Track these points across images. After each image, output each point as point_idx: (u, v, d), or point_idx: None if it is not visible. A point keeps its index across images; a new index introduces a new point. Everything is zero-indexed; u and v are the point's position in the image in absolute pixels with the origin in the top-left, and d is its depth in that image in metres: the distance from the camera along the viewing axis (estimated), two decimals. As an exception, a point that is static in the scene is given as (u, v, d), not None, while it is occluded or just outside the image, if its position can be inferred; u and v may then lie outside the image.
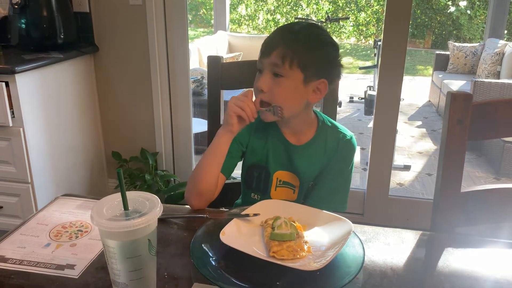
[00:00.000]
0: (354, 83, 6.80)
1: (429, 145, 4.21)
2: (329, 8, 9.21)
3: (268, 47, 1.05)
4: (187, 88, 2.55)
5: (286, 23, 1.62)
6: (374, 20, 9.37)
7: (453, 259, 0.88)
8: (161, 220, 0.96)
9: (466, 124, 1.02)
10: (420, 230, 0.97)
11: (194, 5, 9.70)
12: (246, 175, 1.21)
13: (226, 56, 5.08)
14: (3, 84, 1.92)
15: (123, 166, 2.62)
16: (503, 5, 5.73)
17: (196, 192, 1.06)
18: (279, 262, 0.78)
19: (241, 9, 9.60)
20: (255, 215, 0.93)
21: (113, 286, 0.70)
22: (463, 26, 8.83)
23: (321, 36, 1.08)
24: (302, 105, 1.09)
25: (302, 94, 1.07)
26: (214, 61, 1.36)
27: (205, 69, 4.54)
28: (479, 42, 6.26)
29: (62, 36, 2.28)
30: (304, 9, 9.30)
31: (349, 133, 1.17)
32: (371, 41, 9.32)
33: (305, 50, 1.04)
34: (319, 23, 5.30)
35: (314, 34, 1.08)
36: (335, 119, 1.30)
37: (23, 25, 2.21)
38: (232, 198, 1.31)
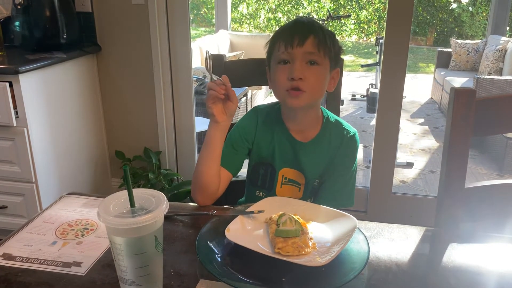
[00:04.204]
0: (356, 81, 6.80)
1: (431, 142, 4.21)
2: (330, 6, 9.20)
3: (298, 37, 1.04)
4: (189, 87, 2.55)
5: (287, 21, 1.62)
6: (375, 18, 9.36)
7: (458, 255, 0.88)
8: (166, 218, 0.96)
9: (470, 120, 1.02)
10: (424, 226, 0.97)
11: (196, 4, 9.70)
12: (251, 172, 1.21)
13: (228, 55, 5.08)
14: (7, 84, 1.93)
15: (127, 165, 2.62)
16: (505, 2, 5.72)
17: (199, 187, 1.07)
18: (284, 258, 0.78)
19: (243, 8, 9.60)
20: (259, 212, 0.93)
21: (120, 283, 0.71)
22: (465, 23, 8.81)
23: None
24: (324, 94, 1.12)
25: (326, 83, 1.11)
26: (217, 59, 1.37)
27: (207, 68, 4.52)
28: (481, 39, 6.25)
29: (65, 36, 2.29)
30: (306, 7, 9.29)
31: (352, 129, 1.17)
32: (372, 39, 9.31)
33: (329, 39, 1.07)
34: (321, 21, 5.30)
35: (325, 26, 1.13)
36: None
37: (26, 25, 2.21)
38: (236, 197, 1.31)
